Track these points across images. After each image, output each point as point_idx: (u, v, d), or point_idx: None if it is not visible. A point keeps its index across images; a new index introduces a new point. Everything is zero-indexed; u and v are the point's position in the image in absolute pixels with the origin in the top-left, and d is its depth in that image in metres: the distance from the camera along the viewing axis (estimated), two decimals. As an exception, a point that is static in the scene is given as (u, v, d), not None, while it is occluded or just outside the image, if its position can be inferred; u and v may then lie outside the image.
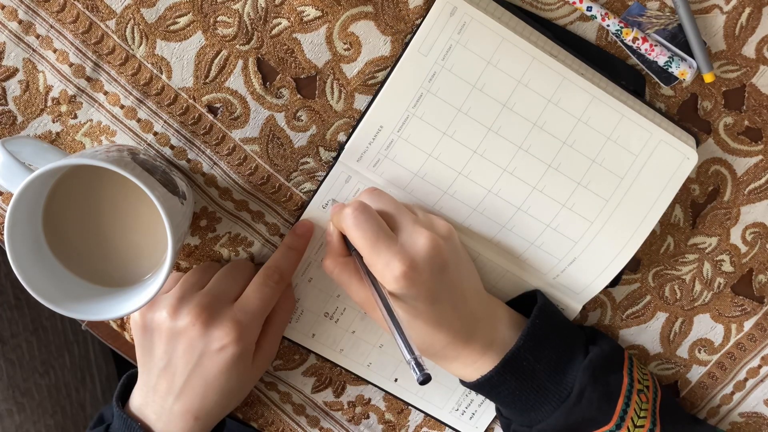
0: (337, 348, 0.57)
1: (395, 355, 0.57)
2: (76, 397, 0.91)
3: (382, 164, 0.52)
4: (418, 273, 0.47)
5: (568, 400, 0.50)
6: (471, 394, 0.58)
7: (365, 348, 0.57)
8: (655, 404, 0.52)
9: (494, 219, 0.53)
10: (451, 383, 0.58)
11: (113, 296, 0.48)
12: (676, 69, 0.51)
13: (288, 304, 0.55)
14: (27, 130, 0.53)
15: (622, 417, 0.50)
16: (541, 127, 0.51)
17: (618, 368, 0.53)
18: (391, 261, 0.46)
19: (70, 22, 0.51)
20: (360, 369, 0.58)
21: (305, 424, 0.60)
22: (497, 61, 0.49)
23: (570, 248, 0.53)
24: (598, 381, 0.51)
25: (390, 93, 0.50)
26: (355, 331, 0.57)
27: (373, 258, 0.47)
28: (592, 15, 0.50)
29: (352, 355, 0.57)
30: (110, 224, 0.49)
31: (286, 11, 0.51)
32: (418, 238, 0.48)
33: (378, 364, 0.58)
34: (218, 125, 0.53)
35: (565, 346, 0.52)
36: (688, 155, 0.52)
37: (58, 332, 0.90)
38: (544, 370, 0.51)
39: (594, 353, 0.52)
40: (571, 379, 0.51)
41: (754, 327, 0.58)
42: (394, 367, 0.58)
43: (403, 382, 0.58)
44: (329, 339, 0.57)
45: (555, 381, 0.51)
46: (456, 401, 0.58)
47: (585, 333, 0.55)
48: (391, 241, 0.47)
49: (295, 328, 0.57)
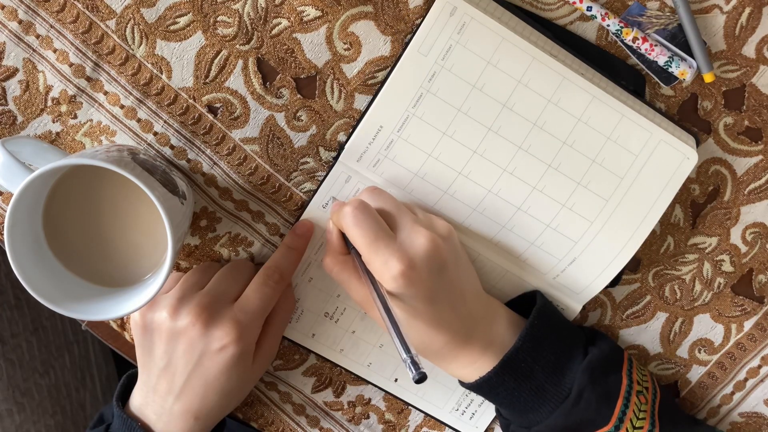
0: (337, 348, 0.57)
1: (395, 355, 0.57)
2: (76, 397, 0.91)
3: (382, 164, 0.52)
4: (417, 272, 0.47)
5: (567, 401, 0.50)
6: (471, 394, 0.58)
7: (365, 348, 0.57)
8: (654, 405, 0.52)
9: (494, 219, 0.53)
10: (451, 383, 0.58)
11: (113, 296, 0.48)
12: (676, 69, 0.51)
13: (288, 304, 0.55)
14: (27, 130, 0.53)
15: (621, 418, 0.50)
16: (541, 127, 0.51)
17: (617, 369, 0.53)
18: (390, 260, 0.46)
19: (70, 22, 0.51)
20: (360, 369, 0.58)
21: (305, 424, 0.60)
22: (497, 61, 0.49)
23: (570, 248, 0.53)
24: (597, 382, 0.51)
25: (390, 93, 0.50)
26: (355, 331, 0.57)
27: (372, 256, 0.47)
28: (592, 15, 0.50)
29: (352, 355, 0.57)
30: (110, 224, 0.49)
31: (286, 11, 0.51)
32: (417, 237, 0.48)
33: (378, 364, 0.58)
34: (218, 125, 0.53)
35: (564, 347, 0.52)
36: (688, 155, 0.52)
37: (58, 332, 0.90)
38: (542, 371, 0.51)
39: (593, 354, 0.52)
40: (570, 380, 0.51)
41: (754, 327, 0.58)
42: (394, 367, 0.58)
43: (403, 382, 0.58)
44: (329, 339, 0.57)
45: (553, 382, 0.51)
46: (456, 401, 0.58)
47: (584, 333, 0.55)
48: (390, 240, 0.47)
49: (295, 328, 0.57)
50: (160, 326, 0.51)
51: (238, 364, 0.51)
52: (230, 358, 0.50)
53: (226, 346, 0.50)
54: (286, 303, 0.55)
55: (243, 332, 0.50)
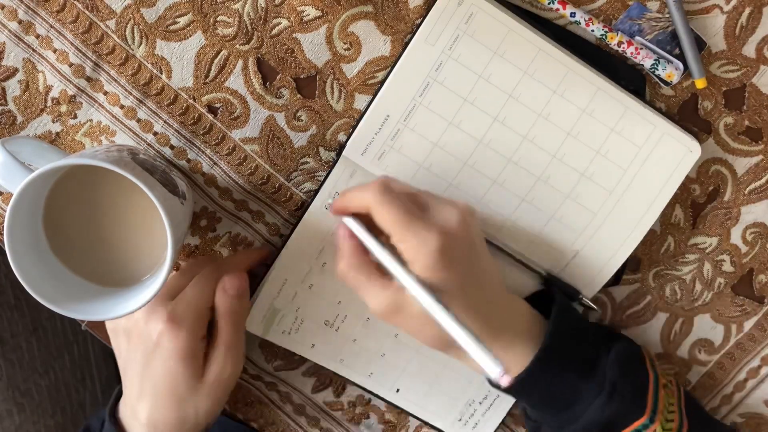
0: (338, 358, 0.56)
1: (397, 364, 0.57)
2: (76, 397, 0.91)
3: (387, 156, 0.52)
4: (453, 248, 0.44)
5: (602, 395, 0.49)
6: (474, 404, 0.58)
7: (366, 357, 0.56)
8: (680, 400, 0.52)
9: (499, 210, 0.53)
10: (453, 392, 0.57)
11: (113, 296, 0.48)
12: (662, 71, 0.51)
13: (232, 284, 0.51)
14: (27, 130, 0.53)
15: (654, 410, 0.49)
16: (546, 118, 0.51)
17: (642, 363, 0.52)
18: (427, 234, 0.43)
19: (70, 22, 0.51)
20: (361, 379, 0.57)
21: (305, 424, 0.60)
22: (503, 52, 0.50)
23: (574, 240, 0.53)
24: (628, 375, 0.50)
25: (397, 82, 0.50)
26: (356, 339, 0.56)
27: (406, 233, 0.43)
28: (575, 21, 0.50)
29: (353, 364, 0.57)
30: (110, 224, 0.49)
31: (286, 11, 0.51)
32: (448, 211, 0.45)
33: (379, 373, 0.57)
34: (218, 125, 0.53)
35: (589, 343, 0.51)
36: (692, 148, 0.52)
37: (58, 332, 0.90)
38: (574, 367, 0.49)
39: (618, 349, 0.51)
40: (601, 375, 0.49)
41: (755, 327, 0.58)
42: (396, 377, 0.57)
43: (404, 392, 0.57)
44: (329, 349, 0.56)
45: (586, 377, 0.49)
46: (459, 411, 0.58)
47: (603, 330, 0.55)
48: (423, 216, 0.44)
49: (294, 339, 0.56)
50: (117, 325, 0.52)
51: (182, 362, 0.49)
52: (170, 354, 0.48)
53: (160, 336, 0.48)
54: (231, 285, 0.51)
55: (175, 322, 0.48)
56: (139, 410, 0.50)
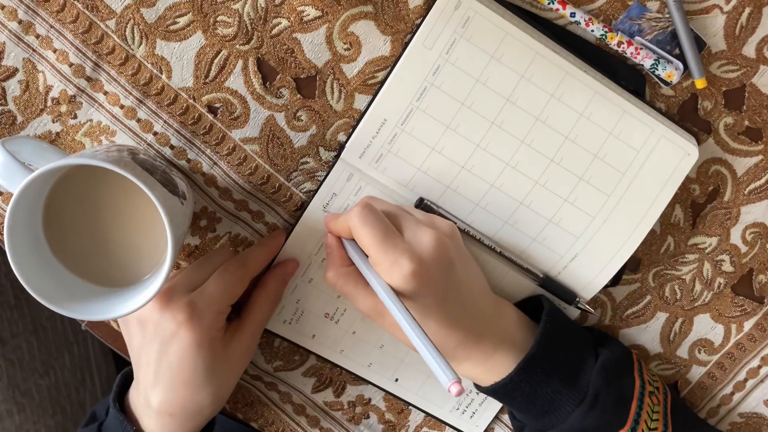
0: (338, 349, 0.57)
1: (396, 355, 0.57)
2: (76, 397, 0.91)
3: (384, 159, 0.52)
4: (427, 270, 0.46)
5: (583, 404, 0.50)
6: (471, 393, 0.58)
7: (366, 348, 0.57)
8: (666, 406, 0.52)
9: (497, 214, 0.53)
10: None
11: (113, 296, 0.48)
12: (662, 71, 0.51)
13: (266, 297, 0.53)
14: (27, 130, 0.53)
15: (636, 420, 0.50)
16: (543, 122, 0.51)
17: (629, 371, 0.52)
18: (400, 259, 0.45)
19: (70, 22, 0.51)
20: (361, 369, 0.58)
21: (305, 424, 0.60)
22: (501, 56, 0.50)
23: (572, 244, 0.53)
24: (612, 384, 0.50)
25: (394, 86, 0.50)
26: (355, 331, 0.57)
27: (381, 256, 0.46)
28: (575, 21, 0.50)
29: (353, 355, 0.57)
30: (110, 224, 0.49)
31: (286, 11, 0.51)
32: (423, 235, 0.47)
33: (378, 364, 0.58)
34: (218, 125, 0.53)
35: (575, 350, 0.52)
36: (689, 151, 0.52)
37: (58, 332, 0.90)
38: (557, 375, 0.50)
39: (605, 356, 0.51)
40: (585, 383, 0.50)
41: (754, 327, 0.58)
42: (395, 367, 0.58)
43: (403, 381, 0.58)
44: (330, 340, 0.57)
45: (569, 385, 0.50)
46: (456, 400, 0.58)
47: (592, 335, 0.55)
48: (399, 239, 0.47)
49: (295, 329, 0.57)
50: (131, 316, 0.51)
51: (200, 351, 0.49)
52: (188, 344, 0.49)
53: (178, 328, 0.48)
54: (265, 296, 0.53)
55: (194, 314, 0.49)
56: (152, 397, 0.50)
